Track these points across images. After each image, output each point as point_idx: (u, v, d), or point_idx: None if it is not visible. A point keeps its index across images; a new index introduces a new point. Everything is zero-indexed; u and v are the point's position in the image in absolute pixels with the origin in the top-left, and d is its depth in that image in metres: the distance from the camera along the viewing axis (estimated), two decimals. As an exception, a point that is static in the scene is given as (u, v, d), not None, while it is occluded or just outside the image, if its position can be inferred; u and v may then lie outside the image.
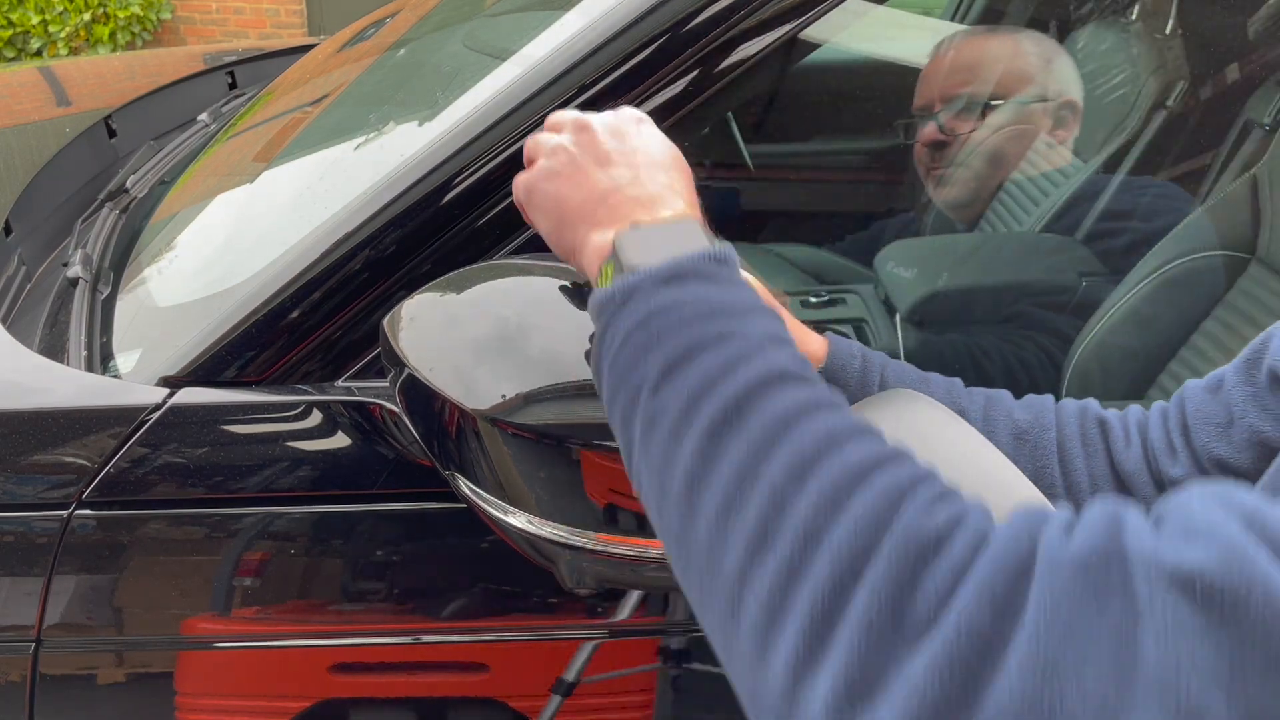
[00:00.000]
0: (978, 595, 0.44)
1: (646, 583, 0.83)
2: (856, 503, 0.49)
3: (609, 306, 0.63)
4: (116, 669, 1.04)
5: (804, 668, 0.47)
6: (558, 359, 0.80)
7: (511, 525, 0.83)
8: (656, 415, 0.58)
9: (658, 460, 0.57)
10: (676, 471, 0.55)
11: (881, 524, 0.48)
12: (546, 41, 1.11)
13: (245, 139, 1.64)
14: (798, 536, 0.49)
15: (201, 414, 1.02)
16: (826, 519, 0.49)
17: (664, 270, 0.63)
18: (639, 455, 0.59)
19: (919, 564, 0.46)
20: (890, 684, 0.44)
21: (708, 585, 0.53)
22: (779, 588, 0.49)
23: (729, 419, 0.55)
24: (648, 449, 0.58)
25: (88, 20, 6.28)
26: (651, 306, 0.61)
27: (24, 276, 1.43)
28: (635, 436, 0.59)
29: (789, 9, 1.04)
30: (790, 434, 0.53)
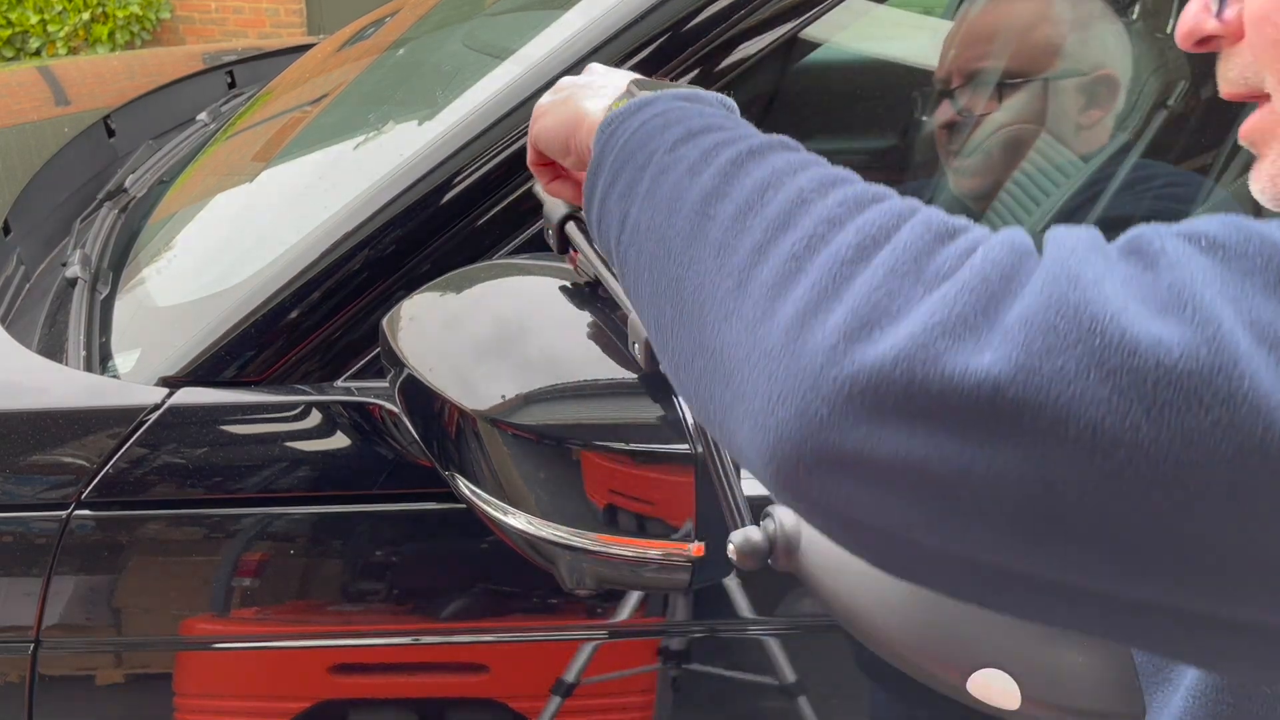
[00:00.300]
0: (1003, 248, 0.46)
1: (646, 584, 0.83)
2: (877, 207, 0.50)
3: (626, 112, 0.66)
4: (115, 670, 1.04)
5: (814, 309, 0.47)
6: (558, 359, 0.80)
7: (511, 526, 0.82)
8: (670, 165, 0.59)
9: (666, 196, 0.58)
10: (689, 196, 0.56)
11: (902, 216, 0.49)
12: (546, 41, 1.11)
13: (244, 139, 1.64)
14: (822, 220, 0.50)
15: (201, 414, 1.02)
16: (849, 212, 0.50)
17: (683, 92, 0.67)
18: (639, 208, 0.60)
19: (939, 239, 0.48)
20: (902, 316, 0.45)
21: (712, 272, 0.53)
22: (797, 255, 0.49)
23: (754, 156, 0.57)
24: (653, 195, 0.59)
25: (87, 20, 6.27)
26: (671, 108, 0.64)
27: (23, 276, 1.43)
28: (638, 194, 0.60)
29: (789, 9, 1.04)
30: (814, 166, 0.55)
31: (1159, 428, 0.40)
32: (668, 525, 0.79)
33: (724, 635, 1.06)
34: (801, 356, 0.46)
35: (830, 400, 0.44)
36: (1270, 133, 0.60)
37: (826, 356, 0.45)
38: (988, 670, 0.63)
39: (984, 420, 0.42)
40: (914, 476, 0.43)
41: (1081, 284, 0.43)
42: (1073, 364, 0.41)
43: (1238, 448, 0.40)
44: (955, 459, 0.42)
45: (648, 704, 1.07)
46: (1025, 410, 0.41)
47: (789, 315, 0.47)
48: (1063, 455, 0.41)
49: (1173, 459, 0.40)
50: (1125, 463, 0.40)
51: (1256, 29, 0.58)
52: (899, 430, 0.43)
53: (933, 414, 0.43)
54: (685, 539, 0.79)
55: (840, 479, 0.45)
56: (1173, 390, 0.40)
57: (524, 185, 1.03)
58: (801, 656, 1.05)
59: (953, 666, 0.64)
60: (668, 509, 0.79)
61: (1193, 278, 0.43)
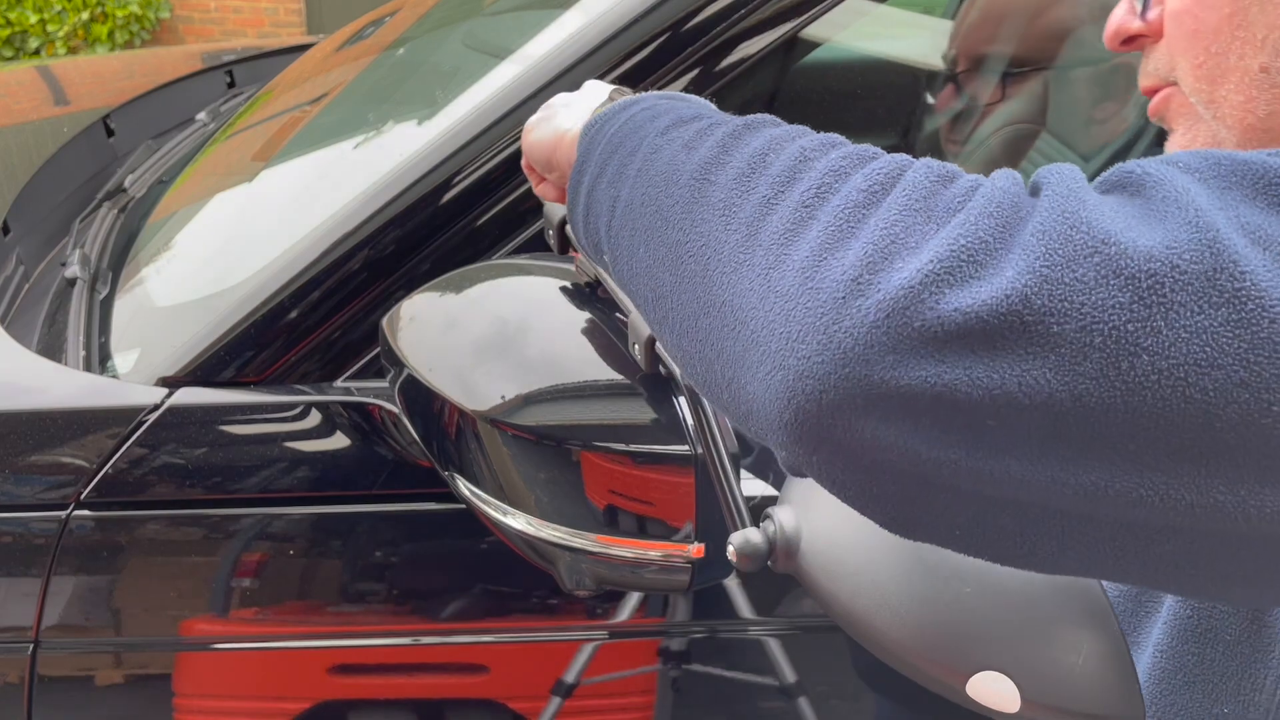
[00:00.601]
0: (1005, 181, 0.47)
1: (646, 584, 0.83)
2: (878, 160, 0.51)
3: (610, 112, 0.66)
4: (115, 670, 1.04)
5: (831, 247, 0.47)
6: (557, 360, 0.80)
7: (511, 526, 0.82)
8: (663, 145, 0.59)
9: (662, 171, 0.58)
10: (687, 167, 0.56)
11: (904, 163, 0.50)
12: (546, 40, 1.10)
13: (244, 138, 1.64)
14: (827, 171, 0.50)
15: (200, 414, 1.02)
16: (852, 165, 0.51)
17: (665, 94, 0.68)
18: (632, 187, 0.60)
19: (942, 181, 0.48)
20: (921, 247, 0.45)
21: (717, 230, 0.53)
22: (808, 204, 0.49)
23: (749, 128, 0.57)
24: (646, 172, 0.59)
25: (86, 19, 6.27)
26: (658, 102, 0.65)
27: (22, 276, 1.42)
28: (629, 175, 0.60)
29: (789, 9, 1.04)
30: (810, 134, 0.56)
31: (1176, 329, 0.41)
32: (668, 526, 0.79)
33: (724, 636, 1.06)
34: (821, 291, 0.45)
35: (854, 331, 0.44)
36: (1179, 110, 0.65)
37: (848, 288, 0.44)
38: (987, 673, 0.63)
39: (1012, 336, 0.42)
40: (944, 405, 0.43)
41: (1088, 205, 0.44)
42: (1091, 272, 0.42)
43: (1248, 344, 0.41)
44: (984, 380, 0.42)
45: (648, 704, 1.06)
46: (1051, 321, 0.42)
47: (804, 255, 0.47)
48: (1089, 364, 0.42)
49: (1192, 359, 0.41)
50: (1149, 367, 0.42)
51: (1175, 22, 0.63)
52: (927, 357, 0.43)
53: (960, 336, 0.42)
54: (685, 540, 0.79)
55: (866, 416, 0.44)
56: (1185, 292, 0.42)
57: (524, 185, 1.03)
58: (801, 657, 1.05)
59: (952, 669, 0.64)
60: (668, 510, 0.79)
61: (1183, 190, 0.45)
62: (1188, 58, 0.63)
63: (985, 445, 0.43)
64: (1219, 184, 0.46)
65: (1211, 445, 0.42)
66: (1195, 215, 0.43)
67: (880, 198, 0.48)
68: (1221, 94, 0.62)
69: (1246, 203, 0.45)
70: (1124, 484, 0.43)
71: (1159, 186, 0.46)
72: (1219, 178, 0.46)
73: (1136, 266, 0.42)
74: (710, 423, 0.73)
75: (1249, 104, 0.60)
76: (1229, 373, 0.41)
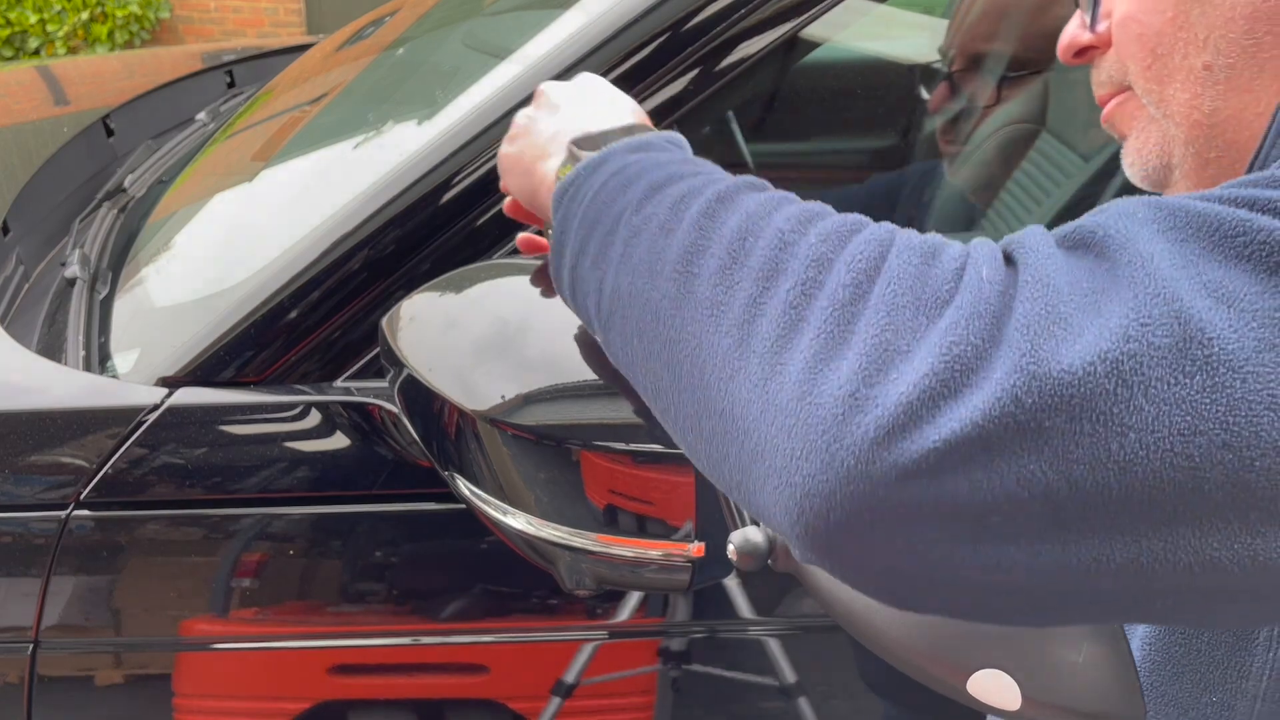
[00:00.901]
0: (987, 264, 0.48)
1: (646, 584, 0.83)
2: (858, 239, 0.51)
3: (579, 176, 0.65)
4: (115, 670, 1.04)
5: (823, 358, 0.47)
6: (557, 359, 0.80)
7: (511, 526, 0.82)
8: (641, 226, 0.59)
9: (644, 259, 0.57)
10: (668, 255, 0.56)
11: (885, 244, 0.50)
12: (546, 40, 1.10)
13: (243, 138, 1.64)
14: (810, 263, 0.51)
15: (200, 414, 1.01)
16: (833, 249, 0.51)
17: (630, 143, 0.66)
18: (616, 273, 0.59)
19: (926, 260, 0.49)
20: (912, 352, 0.46)
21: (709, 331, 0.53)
22: (794, 304, 0.50)
23: (724, 203, 0.57)
24: (629, 259, 0.58)
25: (86, 19, 6.27)
26: (625, 163, 0.64)
27: (22, 276, 1.42)
28: (613, 257, 0.60)
29: (789, 9, 1.04)
30: (785, 205, 0.56)
31: (1157, 404, 0.43)
32: (668, 525, 0.79)
33: (724, 636, 1.06)
34: (819, 408, 0.46)
35: (855, 450, 0.45)
36: (1132, 115, 0.68)
37: (845, 404, 0.45)
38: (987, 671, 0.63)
39: (1007, 437, 0.43)
40: (946, 510, 0.44)
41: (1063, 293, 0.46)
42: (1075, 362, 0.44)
43: (1225, 406, 0.43)
44: (984, 483, 0.44)
45: (648, 705, 1.06)
46: (1042, 416, 0.43)
47: (799, 367, 0.48)
48: (1081, 451, 0.43)
49: (1175, 430, 0.43)
50: (1137, 444, 0.43)
51: (1122, 29, 0.66)
52: (927, 471, 0.44)
53: (959, 447, 0.44)
54: (685, 539, 0.78)
55: (872, 529, 0.45)
56: (1161, 366, 0.43)
57: (524, 185, 1.03)
58: (801, 657, 1.05)
59: (953, 667, 0.64)
60: (668, 509, 0.79)
61: (1146, 256, 0.46)
62: (1136, 61, 0.65)
63: (989, 539, 0.45)
64: (1177, 237, 0.47)
65: (1203, 507, 0.43)
66: (1160, 286, 0.45)
67: (866, 290, 0.48)
68: (1169, 93, 0.64)
69: (1205, 257, 0.46)
70: (1124, 556, 0.45)
71: (1122, 250, 0.47)
72: (1176, 230, 0.48)
73: (1116, 350, 0.43)
74: None
75: (1195, 100, 0.63)
76: (1211, 437, 0.43)
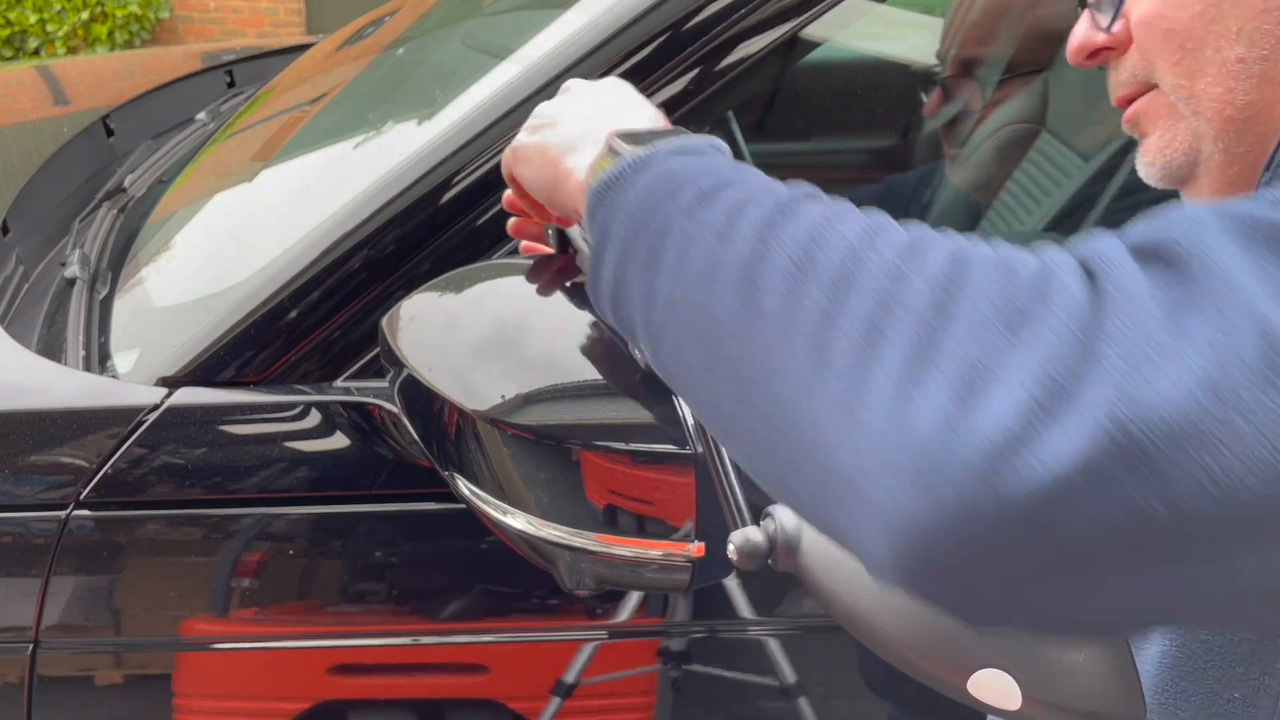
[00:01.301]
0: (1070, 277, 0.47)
1: (646, 584, 0.83)
2: (932, 251, 0.50)
3: (623, 175, 0.63)
4: (114, 670, 1.04)
5: (911, 380, 0.45)
6: (557, 359, 0.80)
7: (511, 526, 0.82)
8: (696, 233, 0.56)
9: (701, 268, 0.55)
10: (729, 265, 0.54)
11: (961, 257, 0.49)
12: (545, 40, 1.10)
13: (243, 138, 1.64)
14: (886, 277, 0.49)
15: (200, 414, 1.01)
16: (908, 263, 0.49)
17: (675, 145, 0.64)
18: (670, 282, 0.57)
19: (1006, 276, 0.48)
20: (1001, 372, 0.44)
21: (780, 348, 0.50)
22: (875, 321, 0.48)
23: (784, 212, 0.54)
24: (685, 268, 0.56)
25: (85, 19, 6.27)
26: (673, 167, 0.62)
27: (21, 276, 1.42)
28: (667, 262, 0.57)
29: (789, 9, 1.04)
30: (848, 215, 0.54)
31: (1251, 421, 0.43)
32: (668, 525, 0.79)
33: (724, 636, 1.06)
34: (912, 434, 0.44)
35: (955, 480, 0.43)
36: (1158, 113, 0.68)
37: (940, 431, 0.44)
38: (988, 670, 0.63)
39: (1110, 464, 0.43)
40: (1049, 541, 0.43)
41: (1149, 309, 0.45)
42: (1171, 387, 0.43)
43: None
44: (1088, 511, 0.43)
45: (648, 705, 1.06)
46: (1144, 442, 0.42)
47: (886, 390, 0.46)
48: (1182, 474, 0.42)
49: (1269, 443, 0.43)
50: (1235, 464, 0.42)
51: (1146, 27, 0.65)
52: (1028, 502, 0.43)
53: (1061, 475, 0.42)
54: (685, 539, 0.78)
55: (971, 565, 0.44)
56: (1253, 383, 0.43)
57: (524, 185, 1.03)
58: (801, 656, 1.05)
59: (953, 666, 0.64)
60: (668, 509, 0.79)
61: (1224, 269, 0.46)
62: (1165, 57, 0.65)
63: (1090, 569, 0.44)
64: (1252, 247, 0.47)
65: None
66: (1242, 299, 0.44)
67: (950, 309, 0.47)
68: (1201, 88, 0.64)
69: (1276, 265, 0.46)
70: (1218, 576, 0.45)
71: (1199, 262, 0.46)
72: (1250, 240, 0.47)
73: (1210, 370, 0.43)
74: None
75: (1228, 95, 0.62)
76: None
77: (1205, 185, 0.68)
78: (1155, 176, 0.70)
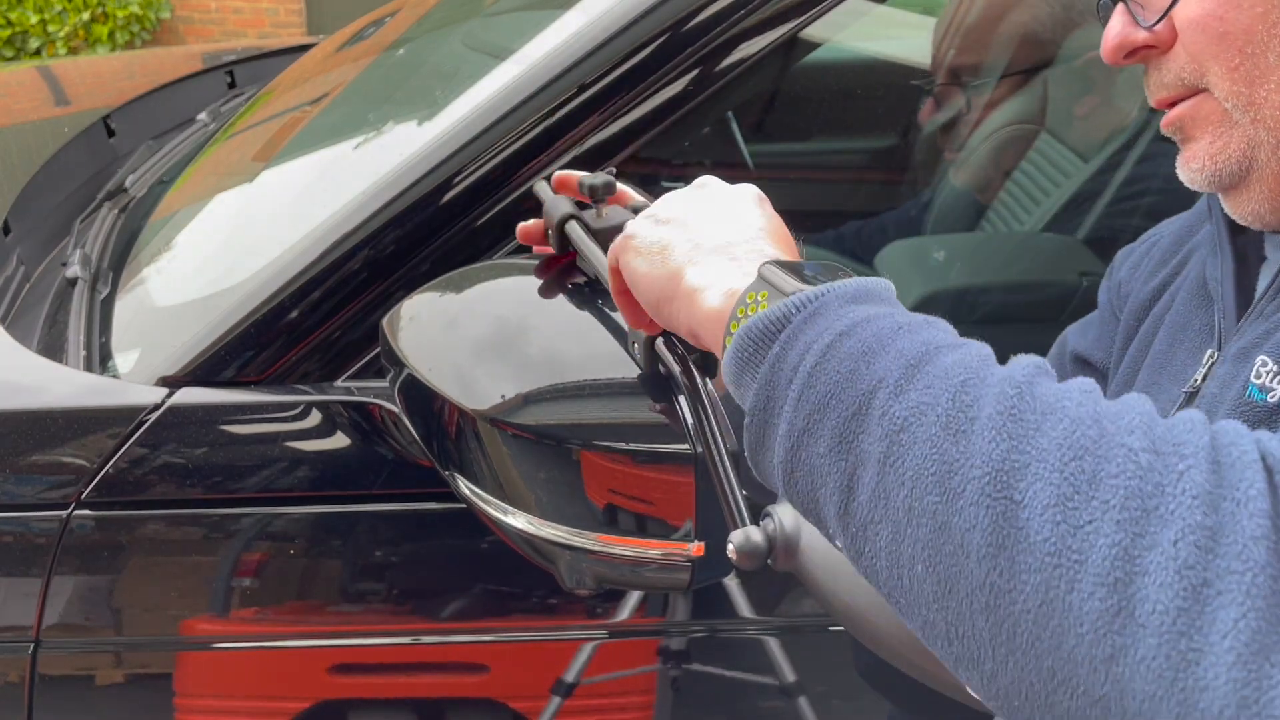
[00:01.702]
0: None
1: (646, 583, 0.83)
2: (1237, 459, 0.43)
3: (790, 320, 0.54)
4: (115, 670, 1.04)
5: (1262, 653, 0.39)
6: (557, 359, 0.80)
7: (511, 526, 0.82)
8: (910, 417, 0.48)
9: (928, 468, 0.47)
10: (970, 470, 0.46)
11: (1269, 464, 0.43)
12: (546, 40, 1.10)
13: (244, 138, 1.64)
14: (1192, 502, 0.42)
15: (200, 414, 1.02)
16: (1212, 478, 0.42)
17: (849, 289, 0.55)
18: (880, 471, 0.49)
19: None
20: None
21: (1061, 588, 0.42)
22: (1189, 562, 0.40)
23: (1025, 397, 0.47)
24: (902, 463, 0.48)
25: (86, 20, 6.27)
26: (854, 318, 0.53)
27: (22, 276, 1.43)
28: (870, 452, 0.49)
29: (789, 9, 1.04)
30: (1118, 407, 0.46)
31: None
32: (668, 525, 0.79)
33: (724, 635, 1.06)
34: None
35: None
36: (1207, 118, 0.64)
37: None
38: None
39: None
40: None
41: None
42: None
43: None
44: None
45: (647, 704, 1.07)
46: None
47: (1226, 661, 0.39)
48: None
49: None
50: None
51: (1198, 28, 0.61)
52: None
53: None
54: (685, 539, 0.79)
55: None
56: None
57: (524, 185, 1.03)
58: (801, 656, 1.05)
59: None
60: (668, 509, 0.79)
61: None
62: (1220, 62, 0.61)
63: None
64: None
65: None
66: None
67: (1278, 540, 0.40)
68: (1261, 95, 0.60)
69: None
70: None
71: None
72: None
73: None
74: (710, 422, 0.73)
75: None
76: None
77: (1257, 192, 0.65)
78: (1200, 182, 0.67)
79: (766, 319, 0.55)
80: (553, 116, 1.02)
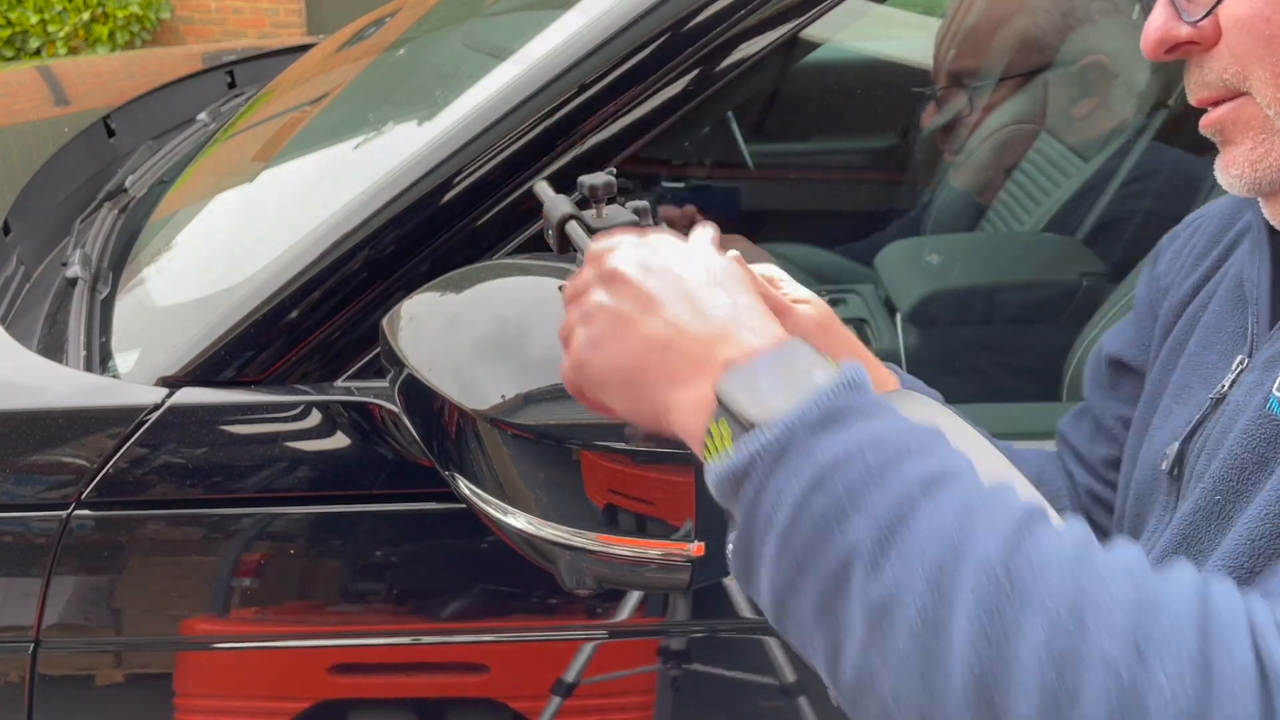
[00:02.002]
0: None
1: (646, 583, 0.83)
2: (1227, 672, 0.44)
3: (755, 468, 0.52)
4: (115, 670, 1.04)
5: None
6: (557, 359, 0.80)
7: (511, 526, 0.82)
8: (888, 600, 0.47)
9: (911, 661, 0.47)
10: (953, 672, 0.46)
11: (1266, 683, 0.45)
12: (546, 40, 1.10)
13: (244, 138, 1.64)
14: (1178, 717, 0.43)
15: (200, 414, 1.02)
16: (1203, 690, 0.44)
17: (814, 413, 0.52)
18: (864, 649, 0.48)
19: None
20: None
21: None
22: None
23: (1003, 588, 0.46)
24: (885, 642, 0.48)
25: (86, 20, 6.27)
26: (821, 461, 0.50)
27: (23, 276, 1.42)
28: (853, 627, 0.49)
29: (789, 9, 1.04)
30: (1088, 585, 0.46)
31: None
32: (668, 525, 0.79)
33: (724, 635, 1.06)
34: None
35: None
36: (1249, 123, 0.61)
37: None
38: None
39: None
40: None
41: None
42: None
43: None
44: None
45: (647, 704, 1.07)
46: None
47: None
48: None
49: None
50: None
51: (1244, 30, 0.59)
52: None
53: None
54: (685, 539, 0.79)
55: None
56: None
57: (524, 185, 1.03)
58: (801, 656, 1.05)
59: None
60: (668, 509, 0.79)
61: None
62: (1266, 66, 0.59)
63: None
64: None
65: None
66: None
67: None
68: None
69: None
70: None
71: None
72: None
73: None
74: None
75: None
76: None
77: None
78: (1239, 188, 0.65)
79: (730, 468, 0.53)
80: (553, 116, 1.02)
